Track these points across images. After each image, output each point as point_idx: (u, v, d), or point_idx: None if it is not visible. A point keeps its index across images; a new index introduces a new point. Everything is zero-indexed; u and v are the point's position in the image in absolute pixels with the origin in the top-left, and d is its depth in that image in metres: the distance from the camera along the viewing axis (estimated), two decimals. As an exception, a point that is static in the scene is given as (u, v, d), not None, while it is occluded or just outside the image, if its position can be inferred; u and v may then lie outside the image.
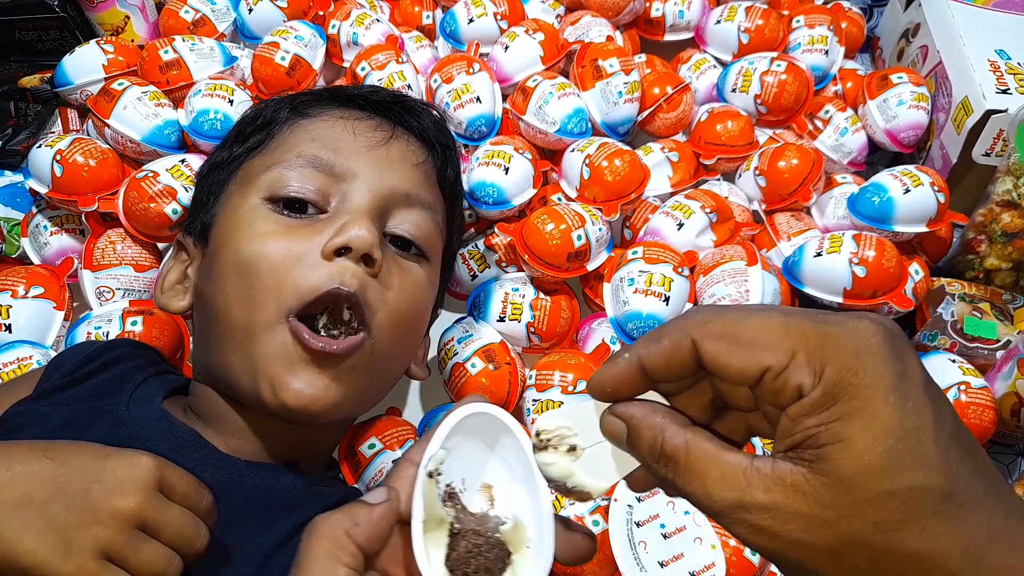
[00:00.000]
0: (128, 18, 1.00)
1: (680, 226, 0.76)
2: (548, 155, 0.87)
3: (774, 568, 0.63)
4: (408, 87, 0.84)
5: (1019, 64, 0.84)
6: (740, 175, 0.87)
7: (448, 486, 0.35)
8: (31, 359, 0.67)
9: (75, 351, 0.62)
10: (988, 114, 0.80)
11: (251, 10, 0.95)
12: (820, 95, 0.93)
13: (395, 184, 0.57)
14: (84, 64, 0.87)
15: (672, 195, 0.83)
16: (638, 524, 0.60)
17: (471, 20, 0.94)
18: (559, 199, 0.82)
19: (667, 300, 0.69)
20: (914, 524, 0.26)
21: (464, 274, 0.79)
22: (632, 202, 0.80)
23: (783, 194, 0.82)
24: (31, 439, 0.43)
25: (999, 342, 0.75)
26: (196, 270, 0.59)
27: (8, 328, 0.70)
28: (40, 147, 0.77)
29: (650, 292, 0.69)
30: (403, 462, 0.35)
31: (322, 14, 0.97)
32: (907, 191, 0.75)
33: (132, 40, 1.00)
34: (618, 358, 0.31)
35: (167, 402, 0.57)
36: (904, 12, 1.02)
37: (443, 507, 0.35)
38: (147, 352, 0.64)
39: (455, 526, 0.35)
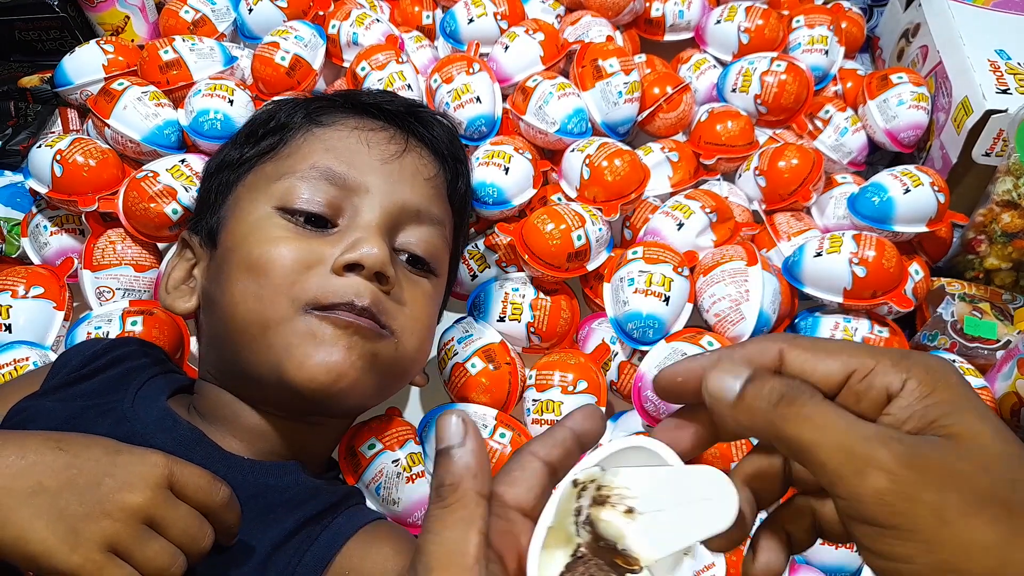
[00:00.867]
0: (128, 18, 1.00)
1: (680, 226, 0.76)
2: (548, 155, 0.87)
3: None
4: (408, 87, 0.84)
5: (1019, 64, 0.84)
6: (740, 175, 0.87)
7: (590, 504, 0.31)
8: (28, 360, 0.67)
9: (81, 348, 0.62)
10: (988, 114, 0.80)
11: (251, 10, 0.95)
12: (820, 95, 0.93)
13: (406, 200, 0.57)
14: (84, 64, 0.87)
15: (672, 195, 0.83)
16: None
17: (471, 20, 0.94)
18: (559, 199, 0.82)
19: (667, 300, 0.69)
20: None
21: (464, 274, 0.79)
22: (632, 202, 0.80)
23: (783, 194, 0.82)
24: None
25: (999, 342, 0.75)
26: (203, 272, 0.59)
27: (8, 328, 0.70)
28: (40, 147, 0.77)
29: (650, 292, 0.69)
30: (526, 453, 0.31)
31: (322, 14, 0.97)
32: (907, 191, 0.75)
33: (132, 40, 1.00)
34: (699, 355, 0.32)
35: (171, 400, 0.57)
36: (904, 12, 1.02)
37: (576, 525, 0.31)
38: (152, 351, 0.64)
39: (581, 550, 0.31)
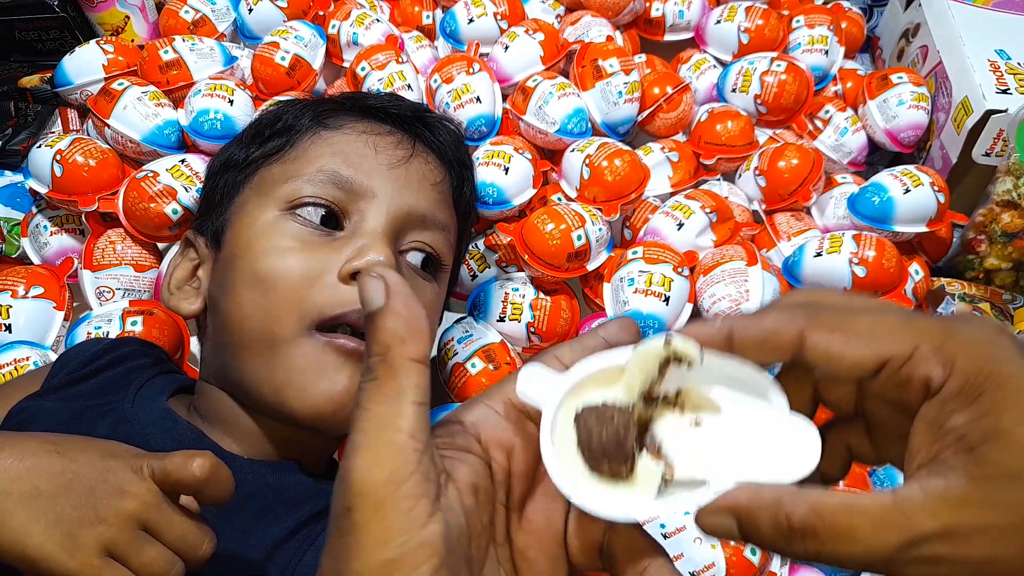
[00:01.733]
0: (128, 18, 1.00)
1: (680, 226, 0.76)
2: (548, 155, 0.87)
3: (774, 568, 0.63)
4: (408, 87, 0.84)
5: (1019, 64, 0.84)
6: (740, 175, 0.87)
7: (656, 384, 0.28)
8: (28, 360, 0.67)
9: (82, 348, 0.62)
10: (988, 114, 0.80)
11: (251, 10, 0.95)
12: (820, 95, 0.93)
13: (412, 205, 0.57)
14: (84, 64, 0.87)
15: (672, 195, 0.83)
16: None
17: (471, 20, 0.94)
18: (559, 199, 0.82)
19: (667, 300, 0.69)
20: None
21: (464, 274, 0.79)
22: (632, 202, 0.80)
23: (783, 194, 0.82)
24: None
25: (999, 342, 0.75)
26: (208, 273, 0.59)
27: (8, 328, 0.70)
28: (40, 147, 0.77)
29: (650, 292, 0.69)
30: (550, 356, 0.29)
31: (322, 14, 0.97)
32: (907, 191, 0.75)
33: (132, 40, 1.00)
34: (709, 322, 0.28)
35: (171, 401, 0.57)
36: (904, 12, 1.02)
37: (631, 388, 0.28)
38: (153, 351, 0.64)
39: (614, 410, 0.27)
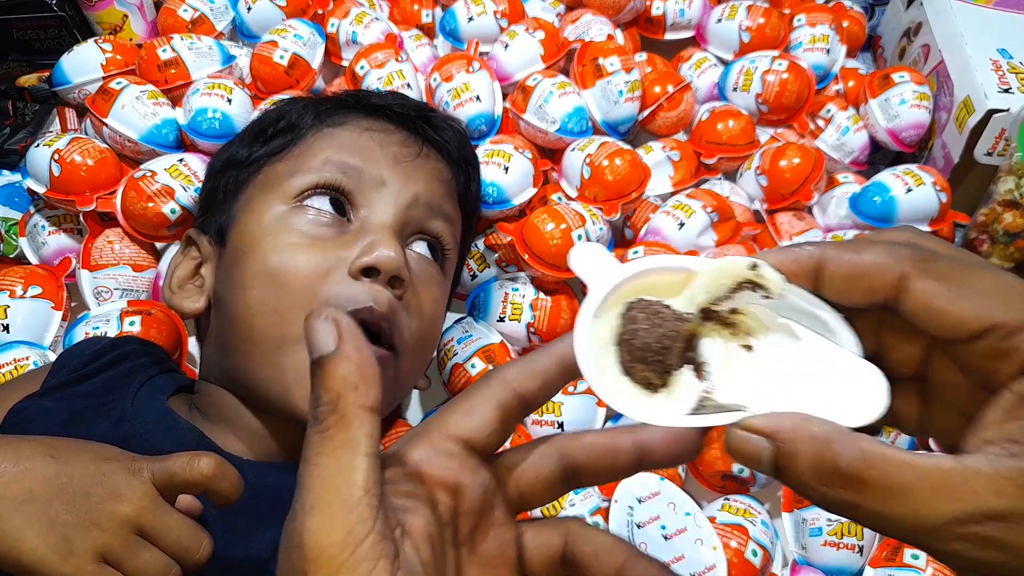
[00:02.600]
0: (126, 17, 1.00)
1: (681, 226, 0.76)
2: (548, 154, 0.87)
3: (775, 570, 0.63)
4: (408, 86, 0.84)
5: (1021, 63, 0.84)
6: (741, 174, 0.87)
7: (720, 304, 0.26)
8: (28, 360, 0.66)
9: (82, 348, 0.62)
10: (990, 113, 0.80)
11: (250, 9, 0.95)
12: (821, 94, 0.93)
13: (419, 195, 0.57)
14: (82, 63, 0.86)
15: (673, 194, 0.82)
16: (639, 526, 0.59)
17: (471, 18, 0.94)
18: (559, 198, 0.81)
19: (668, 300, 0.69)
20: None
21: (464, 274, 0.79)
22: (633, 201, 0.79)
23: (784, 193, 0.82)
24: (36, 434, 0.43)
25: (1001, 342, 0.75)
26: (212, 271, 0.59)
27: (6, 328, 0.69)
28: (38, 146, 0.77)
29: (651, 292, 0.69)
30: (497, 379, 0.27)
31: (321, 12, 0.97)
32: (909, 191, 0.75)
33: (130, 39, 1.00)
34: (799, 248, 0.26)
35: (172, 400, 0.57)
36: (906, 11, 1.02)
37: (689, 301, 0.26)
38: (153, 350, 0.64)
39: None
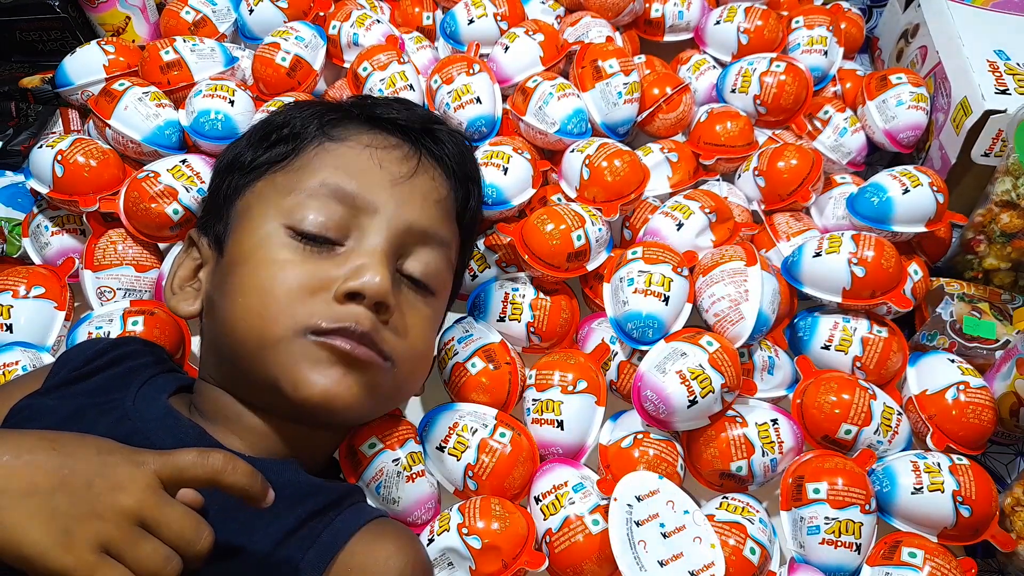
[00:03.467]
0: (129, 19, 1.00)
1: (679, 226, 0.76)
2: (548, 155, 0.87)
3: (773, 568, 0.63)
4: (410, 87, 0.85)
5: (1018, 64, 0.85)
6: (739, 175, 0.87)
7: None
8: (17, 364, 0.66)
9: (83, 347, 0.62)
10: (987, 114, 0.80)
11: (252, 11, 0.96)
12: (819, 95, 0.93)
13: (413, 222, 0.57)
14: (85, 64, 0.87)
15: (671, 195, 0.83)
16: (638, 523, 0.60)
17: (471, 21, 0.94)
18: (559, 199, 0.82)
19: (666, 300, 0.69)
20: None
21: (464, 274, 0.80)
22: (632, 202, 0.80)
23: (782, 194, 0.82)
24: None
25: (998, 342, 0.75)
26: (208, 276, 0.60)
27: (9, 328, 0.70)
28: (41, 147, 0.77)
29: (649, 292, 0.69)
30: None
31: (322, 15, 0.97)
32: (906, 191, 0.75)
33: (133, 41, 1.00)
34: None
35: (173, 399, 0.57)
36: (903, 13, 1.03)
37: None
38: (154, 350, 0.64)
39: None
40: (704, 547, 0.60)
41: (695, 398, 0.64)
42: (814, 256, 0.73)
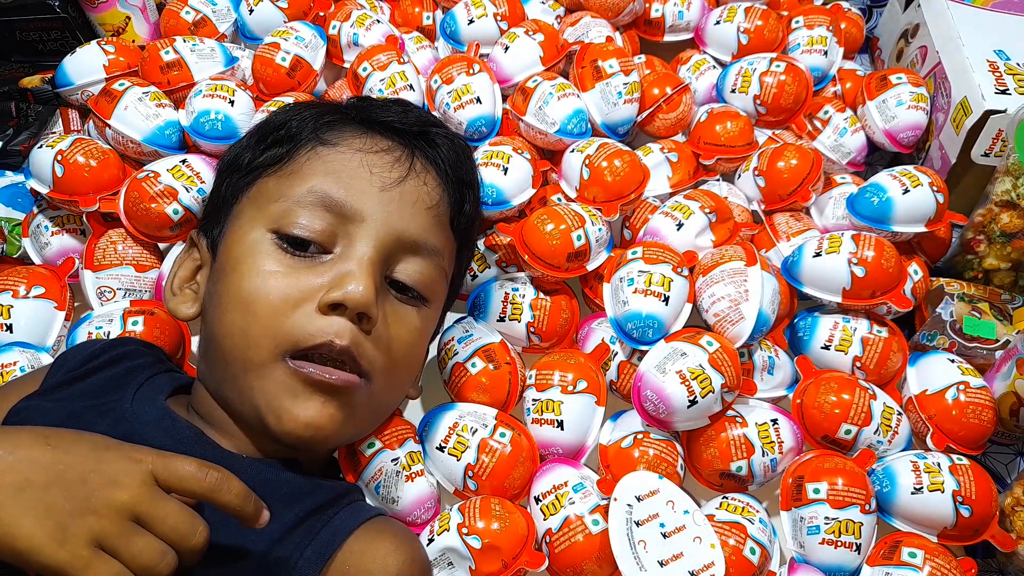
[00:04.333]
0: (129, 19, 1.00)
1: (679, 226, 0.76)
2: (548, 155, 0.87)
3: (773, 568, 0.63)
4: (410, 87, 0.85)
5: (1018, 64, 0.84)
6: (739, 175, 0.87)
7: None
8: (15, 365, 0.67)
9: (80, 348, 0.62)
10: (987, 114, 0.80)
11: (252, 11, 0.96)
12: (819, 95, 0.93)
13: (403, 231, 0.57)
14: (85, 64, 0.87)
15: (671, 195, 0.83)
16: (638, 523, 0.60)
17: (471, 21, 0.94)
18: (559, 199, 0.82)
19: (666, 300, 0.69)
20: None
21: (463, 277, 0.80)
22: (632, 202, 0.80)
23: (782, 194, 0.82)
24: None
25: (998, 342, 0.75)
26: (205, 279, 0.60)
27: (9, 328, 0.70)
28: (41, 147, 0.77)
29: (649, 292, 0.69)
30: None
31: (322, 15, 0.97)
32: (906, 191, 0.75)
33: (133, 41, 1.00)
34: None
35: (171, 400, 0.57)
36: (903, 13, 1.02)
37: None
38: (152, 350, 0.64)
39: None
40: (704, 547, 0.60)
41: (695, 398, 0.64)
42: (814, 256, 0.73)
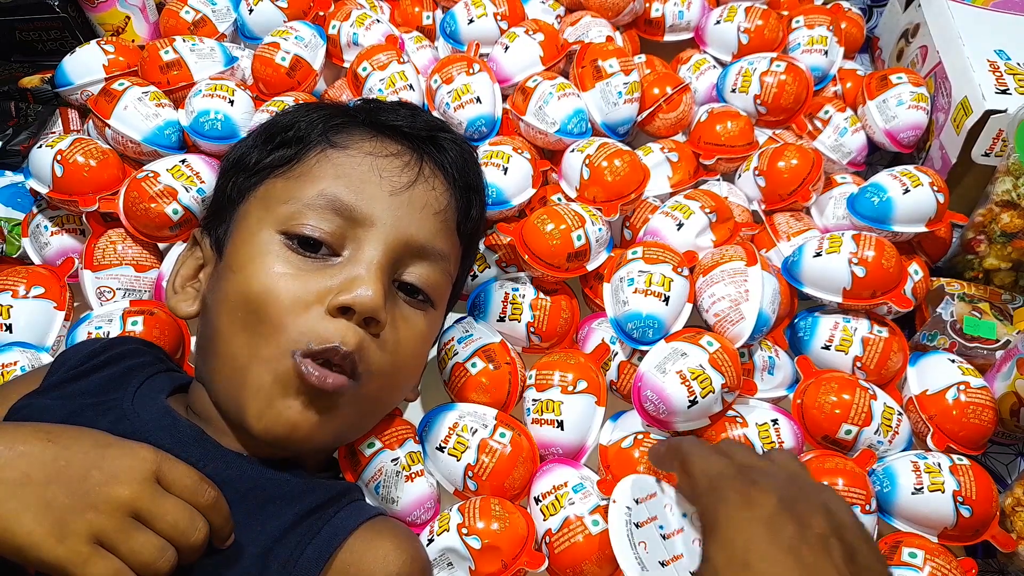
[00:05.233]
0: (128, 18, 1.00)
1: (680, 226, 0.76)
2: (548, 155, 0.87)
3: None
4: (410, 87, 0.85)
5: (1018, 64, 0.84)
6: (740, 175, 0.87)
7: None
8: (16, 364, 0.66)
9: (81, 347, 0.62)
10: (987, 114, 0.80)
11: (251, 10, 0.96)
12: (819, 95, 0.93)
13: (411, 236, 0.57)
14: (85, 64, 0.87)
15: (672, 195, 0.83)
16: (637, 525, 0.60)
17: (471, 20, 0.94)
18: (559, 199, 0.82)
19: (666, 300, 0.69)
20: None
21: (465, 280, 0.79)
22: (632, 202, 0.80)
23: (783, 194, 0.82)
24: None
25: (998, 342, 0.75)
26: (207, 277, 0.60)
27: (9, 328, 0.70)
28: (41, 147, 0.77)
29: (650, 292, 0.69)
30: None
31: (322, 14, 0.97)
32: (906, 191, 0.75)
33: (132, 40, 1.00)
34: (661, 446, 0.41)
35: (171, 399, 0.57)
36: (903, 12, 1.02)
37: None
38: (152, 349, 0.64)
39: None
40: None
41: (695, 398, 0.64)
42: (814, 256, 0.73)
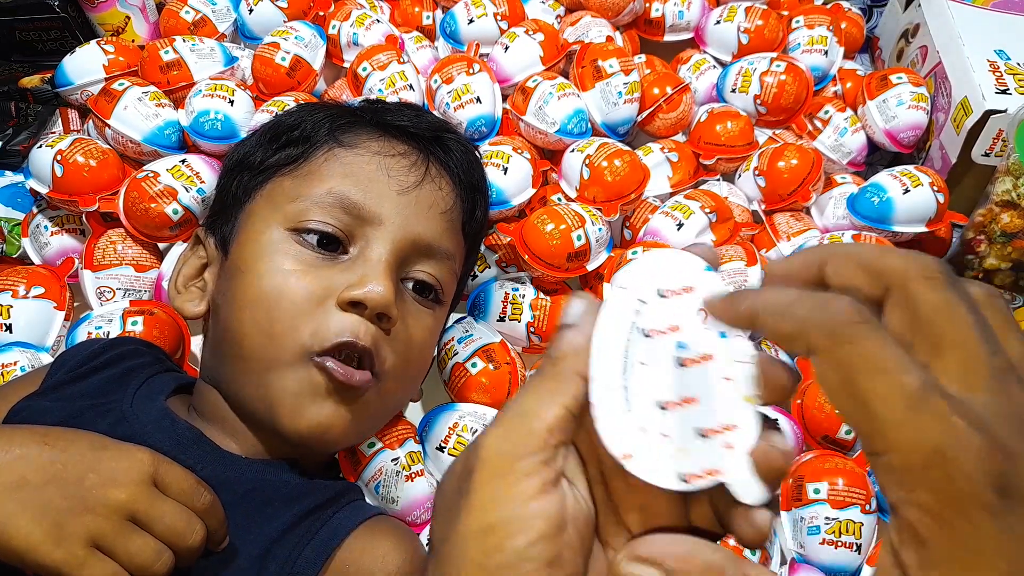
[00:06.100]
0: (128, 18, 1.00)
1: (680, 226, 0.76)
2: (548, 155, 0.87)
3: (773, 568, 0.63)
4: (410, 87, 0.84)
5: (1018, 64, 0.84)
6: (740, 175, 0.87)
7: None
8: (16, 364, 0.66)
9: (80, 348, 0.62)
10: (987, 114, 0.80)
11: (251, 10, 0.96)
12: (820, 95, 0.93)
13: (419, 235, 0.57)
14: (85, 64, 0.87)
15: (672, 195, 0.83)
16: (645, 334, 0.47)
17: (471, 20, 0.94)
18: (559, 199, 0.82)
19: (667, 300, 0.69)
20: None
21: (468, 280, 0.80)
22: (632, 202, 0.80)
23: (783, 194, 0.82)
24: None
25: (998, 342, 0.75)
26: (214, 277, 0.60)
27: (8, 328, 0.70)
28: (41, 147, 0.77)
29: (650, 292, 0.69)
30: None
31: (322, 14, 0.97)
32: (906, 191, 0.75)
33: (132, 40, 1.00)
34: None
35: (170, 400, 0.57)
36: (903, 12, 1.02)
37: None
38: (152, 350, 0.64)
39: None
40: (732, 394, 0.30)
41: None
42: (814, 256, 0.73)
